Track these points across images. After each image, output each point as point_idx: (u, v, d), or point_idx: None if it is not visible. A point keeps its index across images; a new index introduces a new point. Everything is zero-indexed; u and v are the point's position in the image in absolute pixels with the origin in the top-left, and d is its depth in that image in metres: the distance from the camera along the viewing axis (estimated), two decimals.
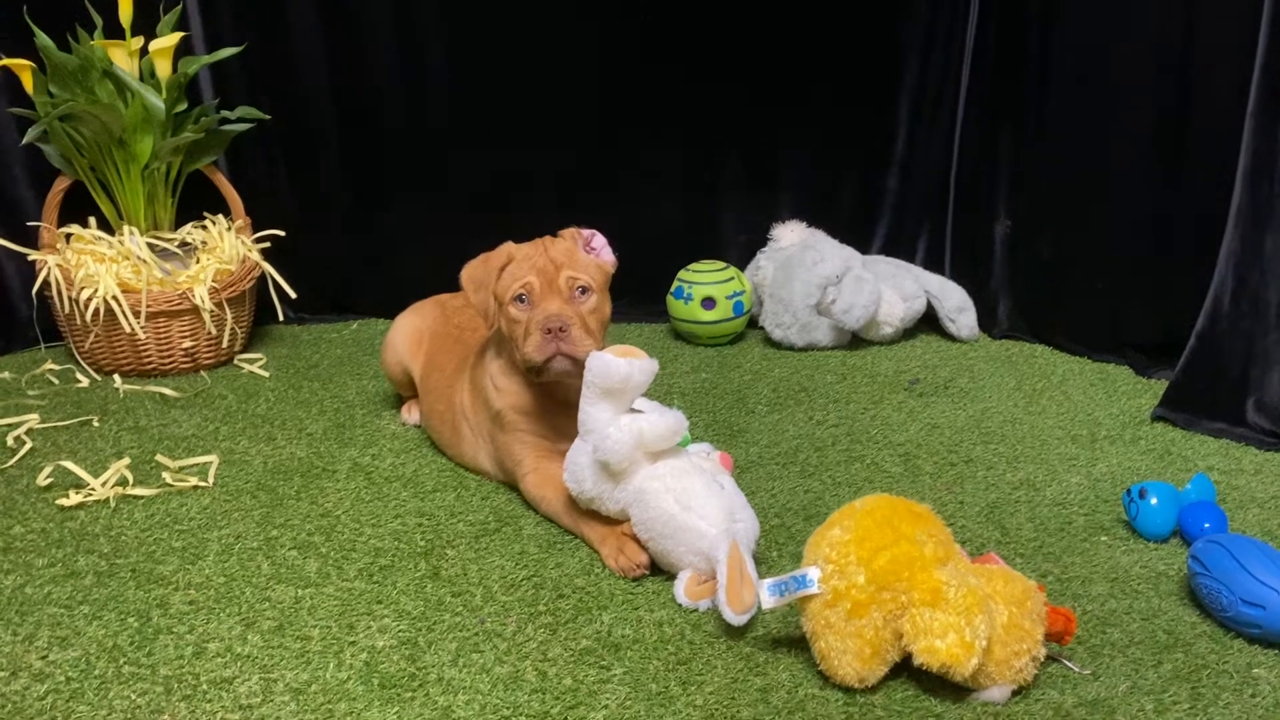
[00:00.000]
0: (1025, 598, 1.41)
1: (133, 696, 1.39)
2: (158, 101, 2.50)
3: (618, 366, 1.66)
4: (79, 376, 2.58)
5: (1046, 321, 2.90)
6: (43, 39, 2.44)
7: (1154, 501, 1.81)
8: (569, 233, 2.00)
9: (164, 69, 2.55)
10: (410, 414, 2.34)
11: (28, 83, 2.47)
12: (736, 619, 1.50)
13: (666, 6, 2.96)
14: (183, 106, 2.60)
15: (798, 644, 1.49)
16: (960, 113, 3.09)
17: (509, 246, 1.98)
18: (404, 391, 2.38)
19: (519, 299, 1.89)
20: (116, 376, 2.57)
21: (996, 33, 2.94)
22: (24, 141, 2.51)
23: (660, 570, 1.70)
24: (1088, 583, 1.69)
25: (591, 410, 1.70)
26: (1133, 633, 1.55)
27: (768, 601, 1.43)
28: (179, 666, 1.45)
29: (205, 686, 1.41)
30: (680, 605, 1.61)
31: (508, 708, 1.37)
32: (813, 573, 1.41)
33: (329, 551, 1.77)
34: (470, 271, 2.00)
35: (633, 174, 3.07)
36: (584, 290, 1.91)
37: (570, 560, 1.75)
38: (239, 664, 1.46)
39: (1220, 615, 1.55)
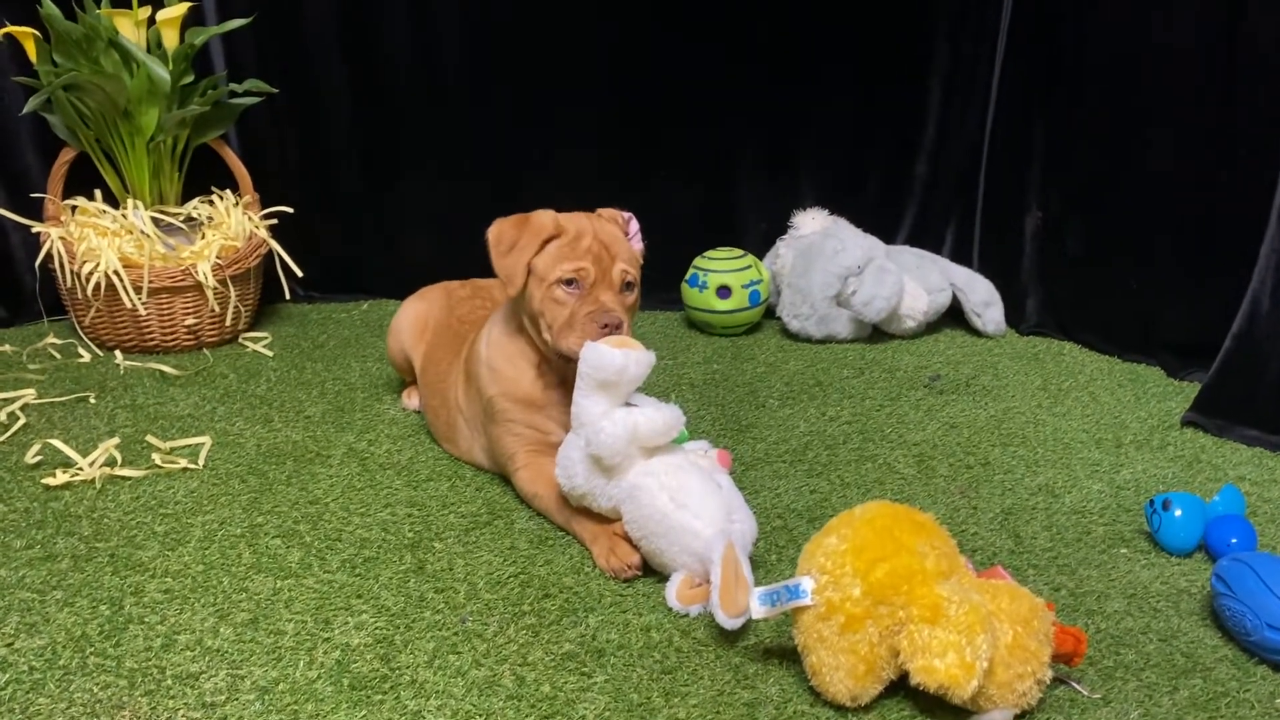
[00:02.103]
0: (1032, 616, 1.33)
1: (94, 689, 1.34)
2: (163, 73, 2.45)
3: (613, 358, 1.59)
4: (80, 351, 2.54)
5: (1076, 318, 2.79)
6: (48, 7, 2.39)
7: (1178, 513, 1.72)
8: (610, 214, 1.88)
9: (171, 39, 2.49)
10: (411, 399, 2.29)
11: (31, 51, 2.43)
12: (729, 623, 1.43)
13: None
14: (190, 79, 2.55)
15: (790, 656, 1.41)
16: (993, 99, 2.98)
17: (553, 216, 1.82)
18: (407, 377, 2.32)
19: (569, 283, 1.75)
20: (118, 352, 2.53)
21: (1031, 17, 2.83)
22: (24, 110, 2.47)
23: (652, 571, 1.62)
24: (1104, 598, 1.60)
25: (585, 403, 1.62)
26: (1149, 654, 1.46)
27: (757, 611, 1.36)
28: (145, 659, 1.40)
29: (170, 681, 1.36)
30: (670, 609, 1.54)
31: (480, 714, 1.31)
32: (806, 583, 1.34)
33: (313, 541, 1.72)
34: (501, 230, 1.82)
35: (650, 157, 2.99)
36: (630, 285, 1.80)
37: (560, 558, 1.68)
38: (207, 658, 1.41)
39: (1244, 639, 1.46)
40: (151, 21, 2.50)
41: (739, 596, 1.43)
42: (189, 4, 2.51)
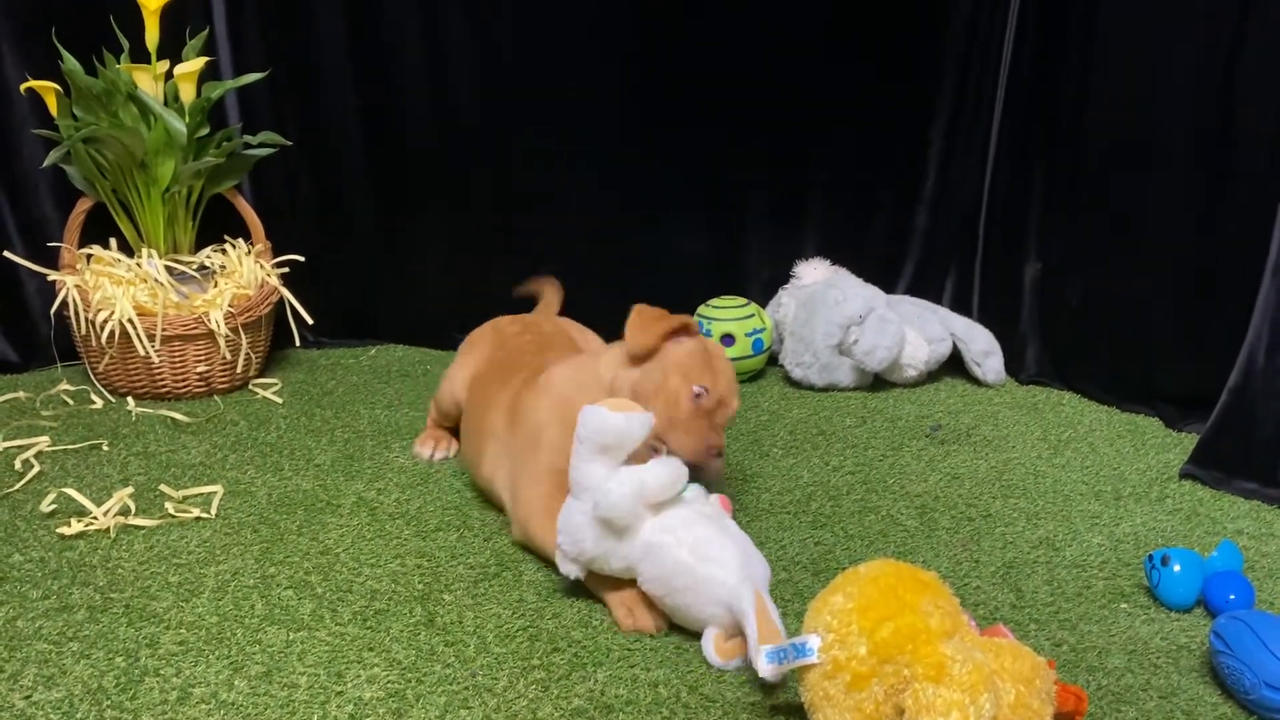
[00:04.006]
0: (1034, 675, 1.35)
1: None
2: (180, 126, 2.50)
3: (614, 421, 1.62)
4: (93, 398, 2.57)
5: (1076, 368, 2.83)
6: (70, 62, 2.45)
7: (1176, 569, 1.74)
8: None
9: (188, 93, 2.55)
10: (424, 448, 2.32)
11: (52, 105, 2.48)
12: (773, 674, 1.42)
13: (693, 35, 2.93)
14: (205, 131, 2.60)
15: (796, 713, 1.44)
16: (992, 152, 3.03)
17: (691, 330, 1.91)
18: (447, 423, 2.36)
19: (698, 395, 1.83)
20: (130, 399, 2.57)
21: (1030, 73, 2.89)
22: (45, 164, 2.52)
23: (672, 628, 1.65)
24: (1104, 654, 1.63)
25: (586, 467, 1.65)
26: (1149, 712, 1.49)
27: (765, 670, 1.38)
28: (162, 712, 1.42)
29: None
30: (677, 665, 1.56)
31: None
32: (813, 641, 1.36)
33: (325, 592, 1.74)
34: (645, 307, 1.93)
35: (656, 206, 3.04)
36: (728, 425, 1.93)
37: (568, 611, 1.71)
38: (222, 712, 1.43)
39: (1242, 697, 1.48)
40: (169, 76, 2.56)
41: (778, 638, 1.45)
42: (206, 59, 2.56)
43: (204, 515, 2.00)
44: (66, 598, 1.70)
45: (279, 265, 2.77)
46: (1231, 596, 1.70)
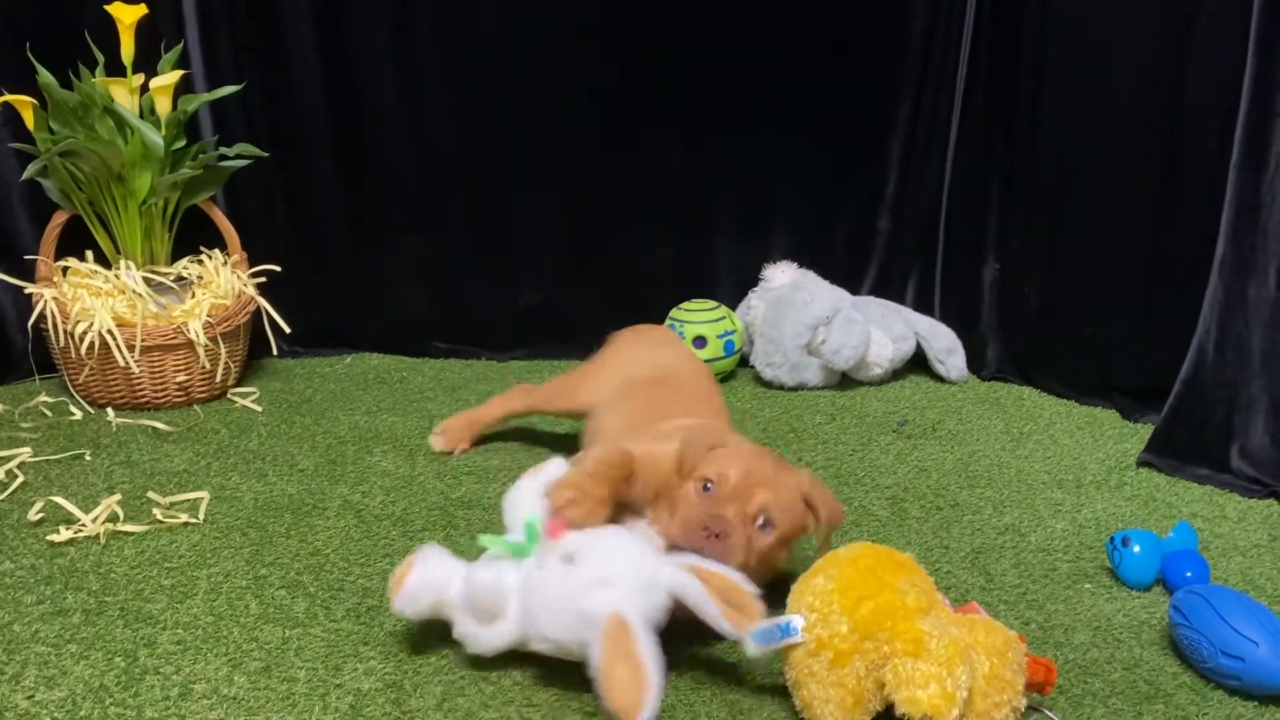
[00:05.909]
0: (1006, 648, 1.42)
1: None
2: (157, 138, 2.52)
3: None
4: (72, 409, 2.58)
5: (1035, 364, 2.93)
6: (45, 76, 2.47)
7: (1137, 549, 1.83)
8: (802, 475, 1.72)
9: (164, 106, 2.57)
10: (439, 439, 2.40)
11: (29, 119, 2.49)
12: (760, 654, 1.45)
13: (663, 50, 3.01)
14: (181, 143, 2.63)
15: (782, 692, 1.50)
16: (950, 159, 3.14)
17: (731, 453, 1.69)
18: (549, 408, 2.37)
19: (705, 486, 1.64)
20: (110, 409, 2.58)
21: (986, 79, 3.00)
22: (23, 177, 2.53)
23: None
24: (1070, 631, 1.71)
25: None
26: (1114, 682, 1.57)
27: (752, 650, 1.44)
28: (164, 708, 1.46)
29: None
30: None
31: None
32: (797, 621, 1.43)
33: (317, 591, 1.78)
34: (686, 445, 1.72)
35: (628, 213, 3.11)
36: (767, 524, 1.63)
37: None
38: (225, 706, 1.46)
39: (1200, 666, 1.57)
40: (145, 89, 2.58)
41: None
42: (181, 72, 2.59)
43: (192, 520, 2.02)
44: (61, 602, 1.73)
45: (255, 275, 2.79)
46: (1188, 574, 1.80)
